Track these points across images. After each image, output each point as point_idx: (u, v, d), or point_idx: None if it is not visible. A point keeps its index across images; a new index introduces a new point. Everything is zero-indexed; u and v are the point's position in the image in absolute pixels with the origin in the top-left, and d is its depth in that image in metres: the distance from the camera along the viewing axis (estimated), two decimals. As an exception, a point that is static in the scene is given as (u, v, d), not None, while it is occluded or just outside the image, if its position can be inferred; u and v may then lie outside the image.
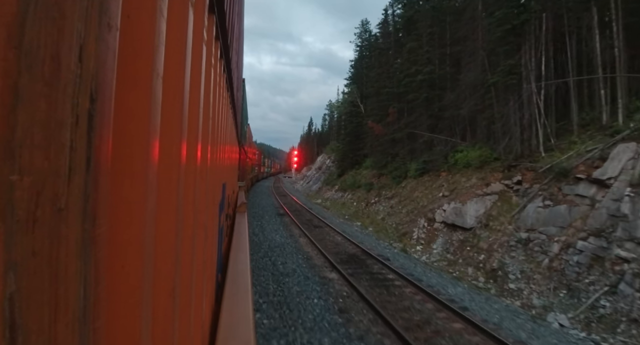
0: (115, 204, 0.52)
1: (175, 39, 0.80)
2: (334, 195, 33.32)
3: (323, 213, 22.49)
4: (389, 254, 12.24)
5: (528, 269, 10.98)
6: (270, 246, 12.15)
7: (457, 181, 17.71)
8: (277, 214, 19.64)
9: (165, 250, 0.76)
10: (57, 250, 0.31)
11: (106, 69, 0.40)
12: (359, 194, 28.03)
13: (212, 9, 1.48)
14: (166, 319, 0.78)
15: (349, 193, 30.12)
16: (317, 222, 17.61)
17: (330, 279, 8.84)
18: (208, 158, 1.49)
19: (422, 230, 16.40)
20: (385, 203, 22.73)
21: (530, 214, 12.57)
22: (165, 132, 0.74)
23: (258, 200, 27.10)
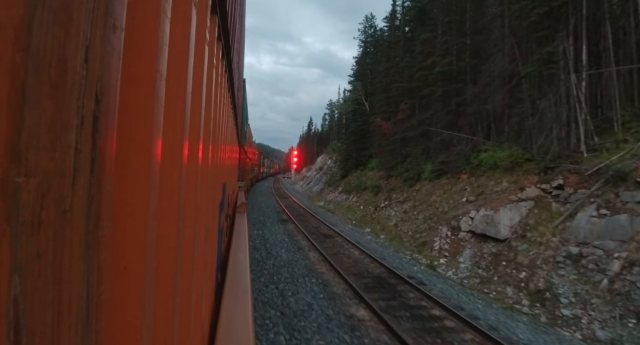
0: (119, 205, 0.52)
1: (179, 39, 0.81)
2: (337, 198, 31.98)
3: (330, 218, 21.03)
4: (418, 274, 10.62)
5: (583, 291, 9.30)
6: (275, 265, 10.17)
7: (483, 184, 16.08)
8: (279, 220, 18.39)
9: (166, 250, 0.76)
10: (61, 252, 0.31)
11: (111, 70, 0.40)
12: (365, 196, 26.76)
13: (215, 10, 1.48)
14: (167, 320, 0.78)
15: (354, 195, 28.88)
16: (325, 230, 16.25)
17: (359, 320, 6.83)
18: (209, 158, 1.49)
19: (444, 240, 14.53)
20: (397, 207, 21.20)
21: (581, 224, 10.74)
22: (168, 132, 0.75)
23: (258, 202, 25.99)
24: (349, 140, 37.73)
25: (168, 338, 0.79)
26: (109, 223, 0.43)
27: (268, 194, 34.81)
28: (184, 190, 0.91)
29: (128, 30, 0.51)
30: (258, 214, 20.14)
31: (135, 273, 0.56)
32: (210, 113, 1.48)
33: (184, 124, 0.86)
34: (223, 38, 1.93)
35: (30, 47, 0.27)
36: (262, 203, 26.14)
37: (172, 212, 0.81)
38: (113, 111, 0.43)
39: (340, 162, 39.95)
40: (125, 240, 0.55)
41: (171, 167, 0.80)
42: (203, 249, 1.45)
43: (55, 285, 0.31)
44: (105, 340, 0.44)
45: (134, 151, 0.57)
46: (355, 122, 37.07)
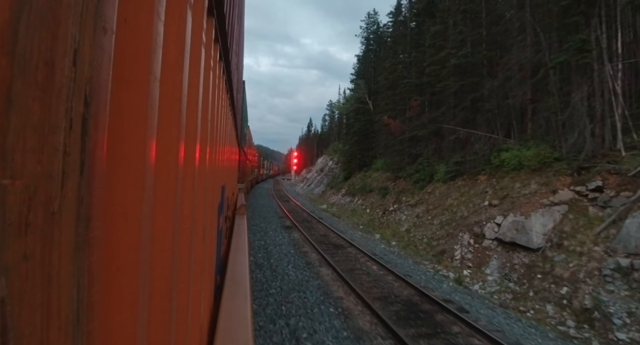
0: (111, 207, 0.53)
1: (173, 41, 0.81)
2: (341, 200, 31.02)
3: (337, 224, 19.76)
4: (452, 294, 9.13)
5: (639, 310, 8.07)
6: (283, 289, 8.41)
7: (506, 187, 14.81)
8: (283, 227, 16.97)
9: (162, 252, 0.76)
10: (50, 254, 0.31)
11: (101, 73, 0.41)
12: (371, 199, 25.78)
13: (212, 12, 1.49)
14: (163, 321, 0.78)
15: (359, 198, 27.90)
16: (334, 239, 14.82)
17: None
18: (207, 160, 1.49)
19: (466, 248, 13.24)
20: (408, 211, 20.09)
21: (631, 232, 9.55)
22: (163, 134, 0.75)
23: (259, 206, 24.65)
24: (352, 141, 36.69)
25: (164, 339, 0.79)
26: (100, 225, 0.43)
27: (269, 197, 33.57)
28: (180, 192, 0.91)
29: (120, 32, 0.52)
30: (259, 220, 18.73)
31: (129, 275, 0.57)
32: (207, 115, 1.49)
33: (179, 126, 0.87)
34: (220, 40, 1.94)
35: (16, 50, 0.27)
36: (263, 207, 24.77)
37: (168, 214, 0.81)
38: (104, 113, 0.43)
39: (342, 163, 38.95)
40: (118, 241, 0.56)
41: (167, 169, 0.80)
42: (201, 250, 1.45)
43: (44, 287, 0.31)
44: (97, 342, 0.44)
45: (126, 153, 0.57)
46: (359, 121, 36.01)
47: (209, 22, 1.49)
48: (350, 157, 36.08)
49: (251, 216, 19.05)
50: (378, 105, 34.85)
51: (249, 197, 25.09)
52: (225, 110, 2.95)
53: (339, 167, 42.30)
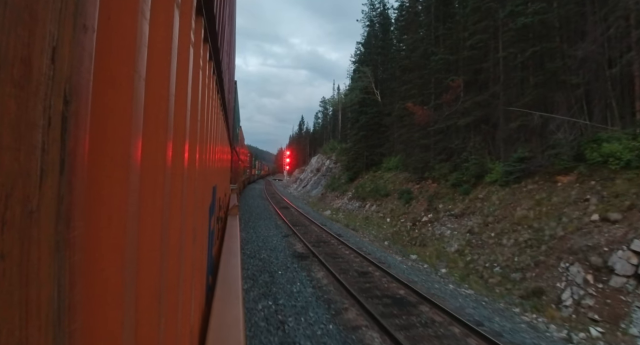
0: (94, 207, 0.52)
1: (160, 40, 0.81)
2: (347, 205, 26.82)
3: (357, 240, 15.11)
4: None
5: None
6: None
7: (624, 193, 9.99)
8: (294, 257, 11.28)
9: (149, 253, 0.76)
10: (28, 253, 0.31)
11: (82, 71, 0.40)
12: (389, 205, 21.42)
13: (200, 12, 1.48)
14: (151, 323, 0.77)
15: (372, 203, 23.68)
16: (359, 263, 10.52)
17: None
18: (197, 160, 1.48)
19: (581, 289, 8.58)
20: (452, 223, 15.15)
21: None
22: (149, 134, 0.75)
23: (255, 217, 19.60)
24: (358, 136, 31.64)
25: (153, 341, 0.79)
26: (82, 224, 0.43)
27: (263, 201, 29.01)
28: (169, 193, 0.91)
29: (103, 30, 0.52)
30: (256, 239, 13.60)
31: (114, 275, 0.56)
32: (197, 115, 1.48)
33: (167, 125, 0.86)
34: (210, 40, 1.93)
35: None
36: (260, 218, 19.38)
37: (156, 215, 0.80)
38: (85, 112, 0.43)
39: (346, 163, 34.45)
40: (102, 242, 0.55)
41: (154, 169, 0.80)
42: (191, 252, 1.44)
43: (22, 285, 0.31)
44: (81, 343, 0.44)
45: (111, 152, 0.57)
46: (365, 114, 31.34)
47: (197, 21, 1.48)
48: (356, 155, 31.59)
49: (248, 238, 13.74)
50: (387, 95, 31.30)
51: (242, 205, 21.38)
52: (216, 110, 2.94)
53: (338, 166, 38.89)
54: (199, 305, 1.76)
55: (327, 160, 46.49)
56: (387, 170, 26.79)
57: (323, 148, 56.24)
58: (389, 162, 27.45)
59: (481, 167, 16.59)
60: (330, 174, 40.05)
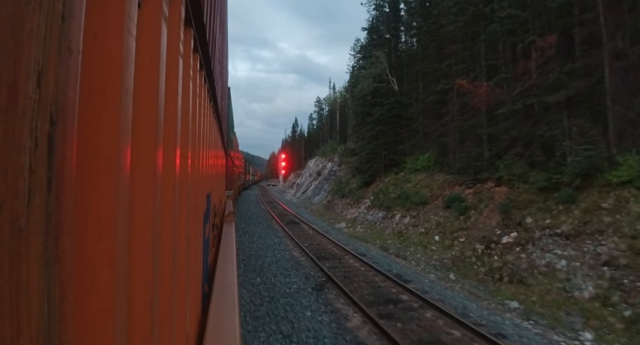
0: (84, 221, 0.54)
1: (147, 55, 0.83)
2: (366, 216, 21.38)
3: (405, 271, 10.45)
4: None
5: None
6: None
7: None
8: (320, 307, 6.83)
9: (141, 263, 0.77)
10: (18, 269, 0.33)
11: (68, 92, 0.42)
12: (433, 217, 16.16)
13: (189, 23, 1.50)
14: (144, 333, 0.78)
15: (402, 214, 18.35)
16: (456, 332, 5.98)
17: None
18: (189, 169, 1.50)
19: None
20: (564, 248, 9.88)
21: None
22: (138, 145, 0.76)
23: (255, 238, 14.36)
24: (373, 132, 26.44)
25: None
26: (71, 239, 0.44)
27: (261, 212, 23.63)
28: (159, 202, 0.92)
29: (89, 50, 0.53)
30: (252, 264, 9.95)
31: (105, 287, 0.58)
32: (187, 124, 1.50)
33: (156, 136, 0.88)
34: (201, 50, 1.95)
35: None
36: (265, 241, 13.67)
37: (146, 225, 0.82)
38: (71, 130, 0.44)
39: (357, 164, 29.18)
40: (93, 254, 0.56)
41: (144, 180, 0.81)
42: (185, 260, 1.45)
43: (12, 300, 0.32)
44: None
45: (99, 166, 0.58)
46: (381, 106, 26.19)
47: (187, 32, 1.50)
48: (371, 154, 26.37)
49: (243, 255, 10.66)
50: (406, 83, 26.92)
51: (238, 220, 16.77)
52: (208, 118, 2.95)
53: (344, 169, 34.56)
54: (194, 314, 1.77)
55: (328, 162, 42.54)
56: (414, 172, 22.11)
57: (321, 150, 53.49)
58: (415, 162, 22.57)
59: (590, 162, 10.89)
60: (335, 177, 35.72)
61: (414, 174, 22.01)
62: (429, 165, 21.58)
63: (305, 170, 53.11)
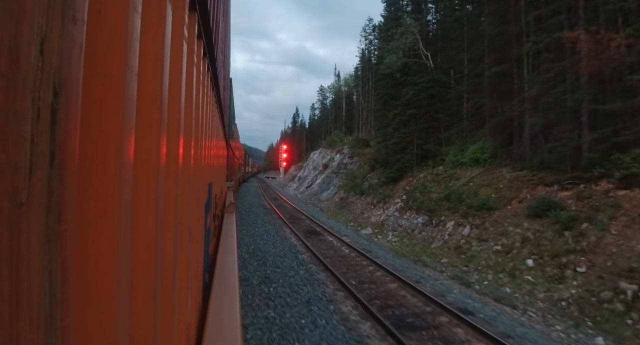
0: (86, 202, 0.52)
1: (152, 35, 0.80)
2: (399, 220, 16.89)
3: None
4: None
5: None
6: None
7: None
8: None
9: (144, 250, 0.76)
10: (18, 245, 0.31)
11: (72, 63, 0.40)
12: (514, 229, 11.50)
13: (194, 7, 1.48)
14: (146, 320, 0.77)
15: (456, 221, 13.78)
16: None
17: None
18: (191, 157, 1.48)
19: None
20: None
21: None
22: (142, 129, 0.74)
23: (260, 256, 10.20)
24: (403, 118, 21.67)
25: (148, 338, 0.79)
26: (74, 218, 0.43)
27: (266, 212, 19.26)
28: (163, 189, 0.91)
29: (93, 23, 0.51)
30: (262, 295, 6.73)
31: (108, 271, 0.56)
32: (191, 112, 1.48)
33: (160, 121, 0.86)
34: (204, 36, 1.92)
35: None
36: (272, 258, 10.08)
37: (150, 211, 0.80)
38: (75, 105, 0.42)
39: (378, 156, 24.75)
40: (96, 237, 0.55)
41: (147, 165, 0.79)
42: (187, 249, 1.44)
43: (12, 277, 0.31)
44: (74, 338, 0.43)
45: (103, 147, 0.57)
46: (413, 86, 21.57)
47: (191, 17, 1.47)
48: (401, 144, 21.56)
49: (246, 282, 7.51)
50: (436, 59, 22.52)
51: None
52: (211, 107, 2.92)
53: (356, 162, 30.82)
54: (195, 303, 1.76)
55: (336, 154, 38.46)
56: (458, 165, 17.50)
57: (326, 141, 50.50)
58: (460, 153, 18.00)
59: None
60: (345, 171, 31.55)
61: (460, 169, 17.32)
62: (482, 158, 16.51)
63: (308, 163, 49.93)
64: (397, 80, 23.80)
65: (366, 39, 49.37)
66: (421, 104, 21.45)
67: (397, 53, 24.02)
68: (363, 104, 48.40)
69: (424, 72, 22.75)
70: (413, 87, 21.77)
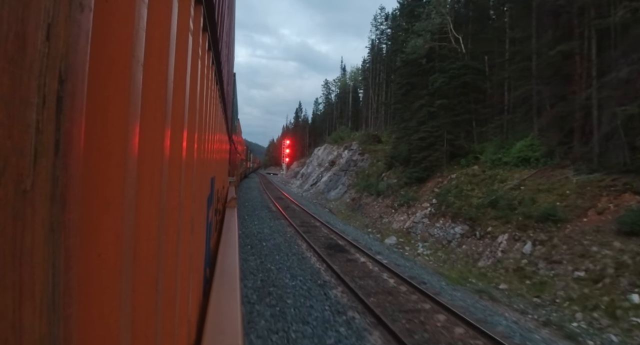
0: (91, 191, 0.51)
1: (158, 26, 0.79)
2: (431, 229, 14.12)
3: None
4: None
5: None
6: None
7: None
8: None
9: (146, 241, 0.76)
10: (22, 233, 0.30)
11: (78, 50, 0.39)
12: (597, 249, 8.84)
13: (200, 0, 1.46)
14: (149, 312, 0.77)
15: (510, 233, 11.12)
16: None
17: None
18: (195, 150, 1.48)
19: None
20: None
21: None
22: (147, 120, 0.74)
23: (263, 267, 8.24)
24: (430, 110, 18.69)
25: (150, 330, 0.79)
26: (78, 207, 0.42)
27: (270, 213, 16.80)
28: (167, 181, 0.90)
29: (99, 11, 0.50)
30: None
31: (111, 261, 0.56)
32: (195, 105, 1.47)
33: (165, 113, 0.85)
34: (209, 29, 1.91)
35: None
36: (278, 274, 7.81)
37: (153, 202, 0.80)
38: (81, 93, 0.42)
39: (405, 153, 20.97)
40: (99, 227, 0.55)
41: (151, 156, 0.79)
42: (189, 242, 1.44)
43: (16, 266, 0.30)
44: (76, 327, 0.43)
45: (108, 137, 0.56)
46: (442, 73, 18.66)
47: (197, 9, 1.47)
48: (430, 139, 18.36)
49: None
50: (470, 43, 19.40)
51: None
52: (215, 101, 2.92)
53: (367, 159, 28.79)
54: (196, 296, 1.77)
55: (344, 150, 36.08)
56: (500, 166, 14.74)
57: (331, 136, 48.30)
58: (503, 151, 15.14)
59: None
60: (356, 168, 29.33)
61: (502, 169, 14.42)
62: (534, 157, 13.68)
63: (312, 159, 47.76)
64: (422, 67, 20.75)
65: (377, 29, 47.17)
66: (452, 94, 18.13)
67: (423, 36, 20.83)
68: (373, 97, 46.02)
69: (454, 57, 19.72)
70: (442, 75, 18.60)
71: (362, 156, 30.73)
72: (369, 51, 51.35)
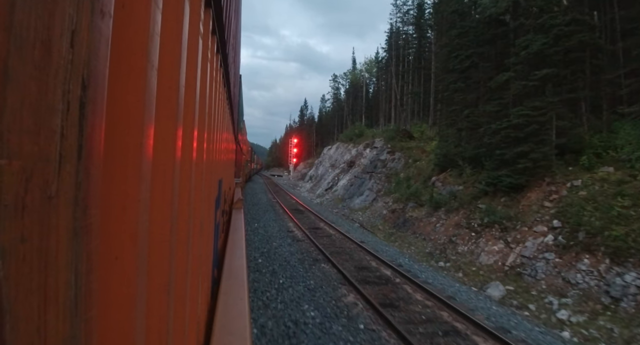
0: (109, 195, 0.52)
1: (171, 30, 0.80)
2: (568, 272, 7.93)
3: None
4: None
5: None
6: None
7: None
8: None
9: (159, 244, 0.76)
10: (47, 238, 0.31)
11: (99, 57, 0.40)
12: None
13: (209, 3, 1.48)
14: (161, 314, 0.78)
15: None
16: None
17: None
18: (204, 153, 1.49)
19: None
20: None
21: None
22: (161, 124, 0.74)
23: None
24: (532, 84, 12.20)
25: (162, 331, 0.79)
26: (98, 212, 0.43)
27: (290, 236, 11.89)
28: (178, 184, 0.91)
29: (117, 18, 0.51)
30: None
31: (127, 264, 0.56)
32: (204, 107, 1.48)
33: (177, 117, 0.86)
34: (218, 32, 1.92)
35: (12, 26, 0.27)
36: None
37: (165, 205, 0.80)
38: (101, 99, 0.42)
39: (485, 148, 14.01)
40: (116, 231, 0.55)
41: (164, 160, 0.80)
42: (198, 244, 1.45)
43: (41, 271, 0.31)
44: (95, 330, 0.43)
45: (124, 141, 0.57)
46: (542, 33, 11.88)
47: (206, 13, 1.48)
48: (530, 127, 11.59)
49: None
50: None
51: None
52: (222, 103, 2.93)
53: (398, 158, 23.93)
54: (205, 298, 1.77)
55: (365, 149, 30.48)
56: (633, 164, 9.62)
57: (344, 134, 43.14)
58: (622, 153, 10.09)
59: None
60: (385, 170, 24.12)
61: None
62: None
63: (322, 159, 42.29)
64: (506, 27, 14.78)
65: (399, 10, 40.10)
66: (561, 61, 11.66)
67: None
68: (396, 88, 39.07)
69: (551, 12, 12.77)
70: (541, 36, 11.91)
71: (392, 155, 25.13)
72: (387, 37, 44.90)
